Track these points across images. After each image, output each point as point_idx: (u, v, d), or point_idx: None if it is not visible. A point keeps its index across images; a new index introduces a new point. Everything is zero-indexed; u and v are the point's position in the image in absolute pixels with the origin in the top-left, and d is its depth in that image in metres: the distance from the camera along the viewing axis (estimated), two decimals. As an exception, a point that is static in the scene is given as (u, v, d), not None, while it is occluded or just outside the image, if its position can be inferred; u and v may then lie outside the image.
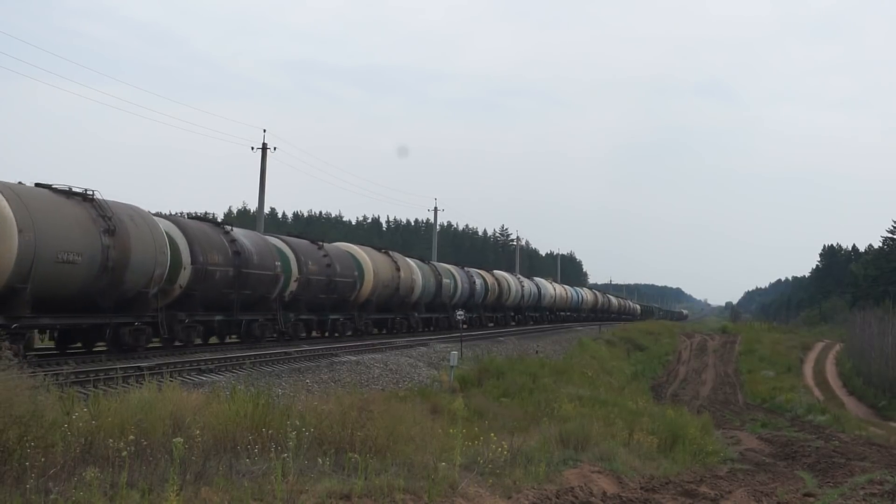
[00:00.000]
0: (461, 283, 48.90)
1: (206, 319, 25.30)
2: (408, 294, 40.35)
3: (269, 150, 44.90)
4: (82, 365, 18.87)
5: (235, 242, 26.22)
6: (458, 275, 49.48)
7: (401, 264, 39.54)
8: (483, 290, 53.60)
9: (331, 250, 33.95)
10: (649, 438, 16.30)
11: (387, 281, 37.68)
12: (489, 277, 56.03)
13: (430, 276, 44.17)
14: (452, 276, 48.33)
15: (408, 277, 40.09)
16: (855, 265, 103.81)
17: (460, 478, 9.07)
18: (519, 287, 62.48)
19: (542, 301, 70.22)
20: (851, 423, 30.83)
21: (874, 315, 50.70)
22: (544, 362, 30.82)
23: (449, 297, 46.98)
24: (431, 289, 43.84)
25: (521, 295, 62.98)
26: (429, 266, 45.03)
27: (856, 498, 12.72)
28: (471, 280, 51.13)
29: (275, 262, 28.22)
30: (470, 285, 50.63)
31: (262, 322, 28.07)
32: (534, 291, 67.50)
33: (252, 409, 10.24)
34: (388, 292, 38.03)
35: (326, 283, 32.30)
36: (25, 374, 9.78)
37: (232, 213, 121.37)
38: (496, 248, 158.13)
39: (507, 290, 59.18)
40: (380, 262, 37.61)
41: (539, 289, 69.62)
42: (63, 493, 6.75)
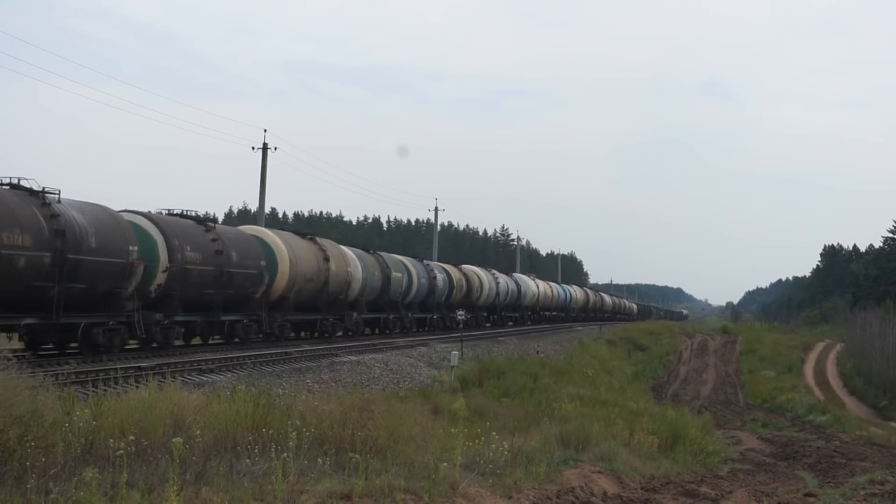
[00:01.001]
0: (417, 279, 42.29)
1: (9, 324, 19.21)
2: (341, 290, 33.61)
3: (269, 149, 44.91)
4: (82, 365, 18.88)
5: (58, 219, 19.42)
6: (415, 268, 42.96)
7: (332, 254, 33.13)
8: (446, 287, 47.34)
9: (225, 233, 27.00)
10: (650, 438, 16.29)
11: (310, 274, 30.97)
12: (455, 273, 49.91)
13: (375, 270, 37.59)
14: (405, 269, 41.58)
15: (340, 270, 33.35)
16: (855, 265, 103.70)
17: (461, 478, 9.06)
18: (493, 284, 55.95)
19: (522, 300, 63.90)
20: (852, 424, 30.81)
21: (875, 315, 50.64)
22: (545, 362, 30.83)
23: (400, 294, 40.57)
24: (376, 284, 37.44)
25: (496, 293, 56.44)
26: (373, 257, 38.73)
27: (856, 498, 12.72)
28: (430, 275, 44.67)
29: (126, 247, 21.52)
30: (429, 281, 44.20)
31: (111, 327, 21.26)
32: (512, 289, 60.94)
33: (252, 409, 10.24)
34: (312, 288, 31.39)
35: (215, 275, 25.23)
36: (25, 374, 9.78)
37: (232, 212, 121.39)
38: (496, 248, 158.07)
39: (479, 287, 53.03)
40: (300, 251, 30.87)
41: (518, 286, 63.08)
42: (63, 493, 6.75)
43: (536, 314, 70.47)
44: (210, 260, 25.03)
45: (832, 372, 52.50)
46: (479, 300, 53.24)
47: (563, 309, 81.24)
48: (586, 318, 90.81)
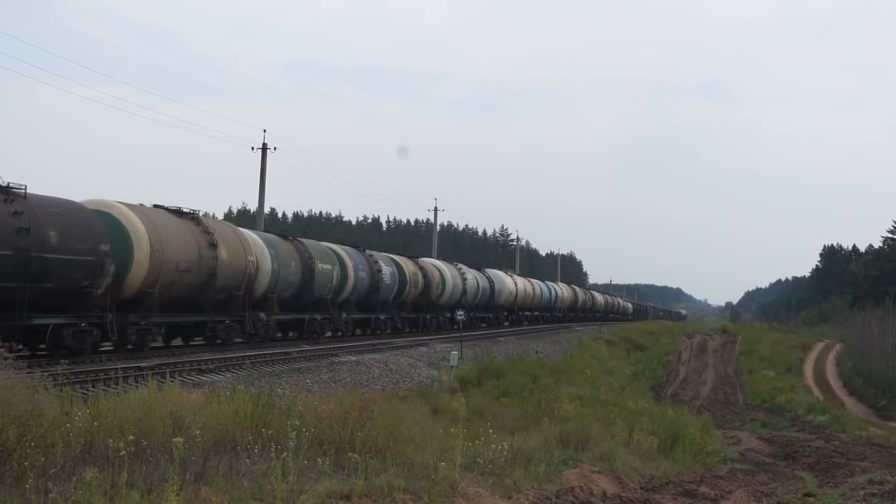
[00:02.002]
0: (354, 272, 35.02)
1: None
2: (238, 285, 25.78)
3: (269, 150, 44.92)
4: (82, 365, 18.87)
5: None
6: (351, 260, 35.34)
7: (223, 237, 25.13)
8: (396, 283, 39.93)
9: (40, 205, 18.89)
10: (649, 438, 16.29)
11: (186, 263, 23.19)
12: (409, 266, 42.50)
13: (292, 260, 30.26)
14: (338, 260, 33.96)
15: (235, 259, 25.44)
16: (855, 265, 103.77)
17: (460, 478, 9.05)
18: (459, 280, 49.13)
19: (495, 298, 57.11)
20: (851, 424, 30.82)
21: (874, 315, 50.66)
22: (544, 362, 30.85)
23: (329, 289, 32.80)
24: (293, 278, 30.09)
25: (463, 290, 49.41)
26: (291, 244, 31.27)
27: (856, 498, 12.71)
28: (372, 268, 37.24)
29: None
30: (371, 275, 36.86)
31: None
32: (483, 286, 54.05)
33: (252, 409, 10.23)
34: (190, 281, 23.55)
35: (17, 261, 17.75)
36: (23, 374, 9.78)
37: (232, 212, 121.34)
38: (496, 248, 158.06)
39: (440, 283, 46.01)
40: (170, 233, 23.07)
41: (491, 283, 56.18)
42: (63, 493, 6.74)
43: (514, 315, 63.74)
44: (7, 241, 17.64)
45: (832, 372, 52.51)
46: (439, 299, 46.18)
47: (548, 308, 74.96)
48: (575, 319, 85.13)
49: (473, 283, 52.15)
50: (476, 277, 53.29)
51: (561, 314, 79.93)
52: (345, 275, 34.25)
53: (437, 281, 45.54)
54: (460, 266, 51.92)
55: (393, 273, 39.76)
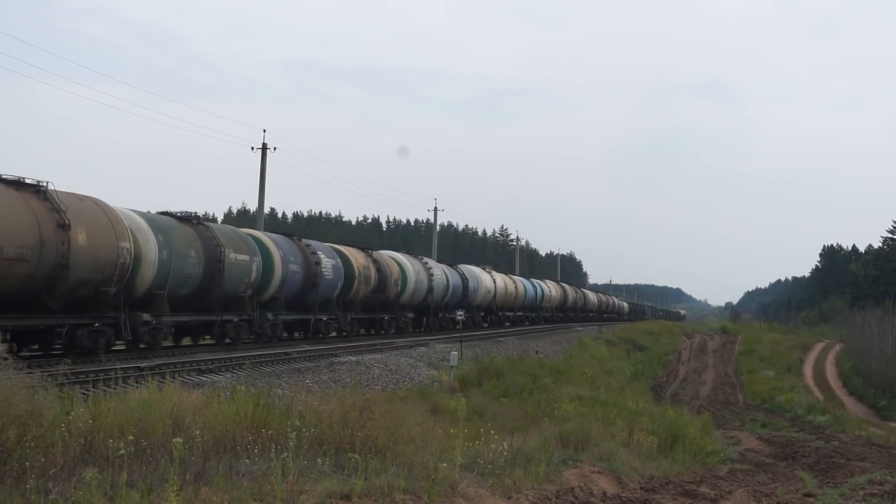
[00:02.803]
0: (282, 264, 29.08)
1: None
2: (102, 279, 20.23)
3: (268, 150, 44.92)
4: (81, 365, 18.87)
5: None
6: (279, 250, 29.26)
7: (80, 216, 19.68)
8: (340, 278, 34.02)
9: None
10: (649, 438, 16.29)
11: (17, 250, 17.81)
12: (359, 259, 36.44)
13: (191, 248, 23.99)
14: (258, 250, 27.55)
15: (101, 245, 20.15)
16: (855, 265, 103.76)
17: (460, 478, 9.06)
18: (424, 277, 43.56)
19: (470, 297, 51.37)
20: (851, 424, 30.83)
21: (874, 315, 50.68)
22: (544, 362, 30.86)
23: (246, 285, 26.72)
24: (192, 271, 23.95)
25: (429, 288, 43.89)
26: (192, 229, 24.87)
27: (856, 498, 12.71)
28: (308, 260, 31.57)
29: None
30: (306, 268, 31.20)
31: None
32: (454, 284, 48.35)
33: (252, 409, 10.24)
34: (27, 273, 18.22)
35: None
36: (24, 374, 9.78)
37: (231, 213, 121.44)
38: (496, 249, 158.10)
39: (399, 280, 40.45)
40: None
41: (465, 280, 50.64)
42: (63, 493, 6.74)
43: (494, 315, 58.12)
44: None
45: (831, 372, 52.53)
46: (399, 297, 40.69)
47: (533, 308, 69.35)
48: (565, 319, 79.41)
49: (442, 280, 46.28)
50: (446, 274, 47.61)
51: (549, 314, 74.67)
52: (269, 267, 28.21)
53: (395, 277, 39.78)
54: (427, 260, 46.34)
55: (336, 266, 33.81)
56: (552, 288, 76.59)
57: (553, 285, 78.61)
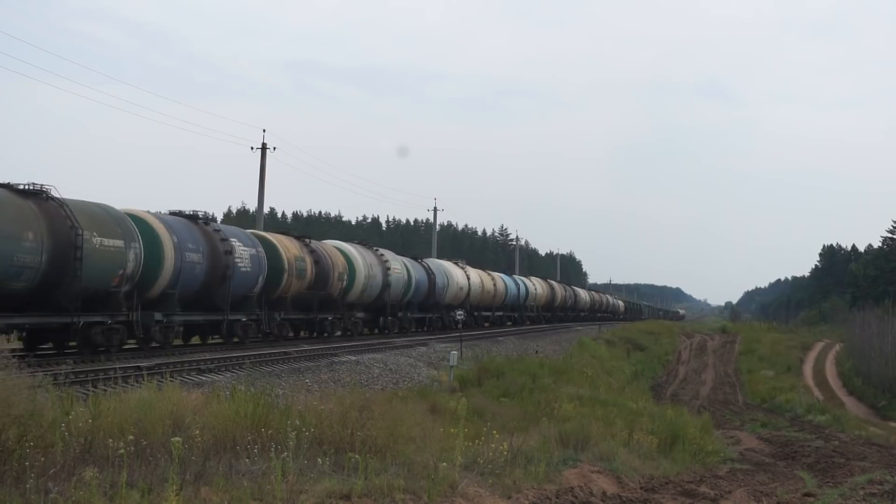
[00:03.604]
0: (176, 254, 23.68)
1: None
2: None
3: (268, 149, 44.92)
4: (81, 365, 18.88)
5: None
6: (172, 235, 23.82)
7: None
8: (261, 272, 28.28)
9: None
10: (649, 438, 16.30)
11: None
12: (291, 249, 30.91)
13: (27, 230, 18.88)
14: (137, 234, 21.97)
15: None
16: (855, 265, 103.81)
17: (460, 478, 9.06)
18: (379, 271, 37.87)
19: (438, 295, 46.03)
20: (851, 423, 30.85)
21: (874, 315, 50.72)
22: (544, 362, 30.83)
23: (120, 278, 21.12)
24: (31, 260, 18.79)
25: (384, 284, 38.00)
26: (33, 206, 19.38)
27: (855, 498, 12.72)
28: (216, 249, 25.79)
29: None
30: (212, 259, 25.46)
31: None
32: (419, 280, 43.00)
33: (252, 408, 10.24)
34: None
35: None
36: (24, 374, 9.78)
37: (231, 213, 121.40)
38: (496, 248, 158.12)
39: (345, 274, 34.77)
40: None
41: (431, 276, 44.94)
42: (63, 493, 6.74)
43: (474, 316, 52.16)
44: None
45: (831, 372, 52.56)
46: (346, 294, 35.21)
47: (516, 308, 63.88)
48: (553, 319, 74.08)
49: (402, 276, 40.42)
50: (407, 268, 41.97)
51: (534, 314, 69.08)
52: (156, 256, 22.77)
53: (339, 270, 34.18)
54: (383, 252, 40.34)
55: (257, 257, 28.09)
56: (538, 285, 71.23)
57: (539, 283, 73.32)
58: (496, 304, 57.80)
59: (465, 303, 50.40)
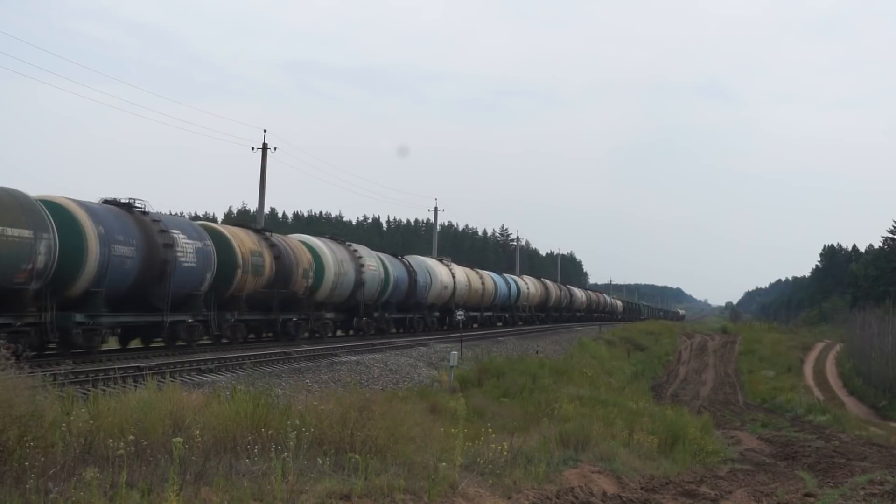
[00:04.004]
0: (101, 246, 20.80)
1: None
2: None
3: (269, 150, 44.90)
4: (81, 365, 18.88)
5: None
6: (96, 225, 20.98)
7: None
8: (210, 267, 25.14)
9: None
10: (649, 438, 16.29)
11: None
12: (246, 242, 27.57)
13: None
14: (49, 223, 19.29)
15: None
16: (855, 265, 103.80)
17: (460, 478, 9.06)
18: (351, 268, 34.52)
19: (420, 295, 42.99)
20: (852, 424, 30.85)
21: (874, 315, 50.70)
22: (544, 362, 30.83)
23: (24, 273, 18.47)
24: None
25: (358, 282, 34.87)
26: None
27: (856, 498, 12.71)
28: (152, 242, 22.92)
29: None
30: (147, 252, 22.56)
31: None
32: (398, 278, 39.72)
33: (252, 409, 10.23)
34: None
35: None
36: (24, 374, 9.78)
37: (232, 212, 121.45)
38: (496, 249, 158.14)
39: (312, 270, 31.48)
40: None
41: (412, 274, 41.81)
42: (63, 493, 6.74)
43: (448, 314, 48.16)
44: None
45: (832, 372, 52.55)
46: (314, 293, 31.91)
47: (506, 308, 60.82)
48: (547, 320, 71.58)
49: (377, 273, 37.30)
50: (385, 265, 38.65)
51: (526, 314, 66.23)
52: (76, 248, 20.18)
53: (304, 267, 30.92)
54: (357, 248, 36.90)
55: (203, 251, 24.95)
56: (530, 284, 68.29)
57: (532, 282, 70.47)
58: (485, 303, 55.21)
59: (451, 302, 47.91)
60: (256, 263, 27.87)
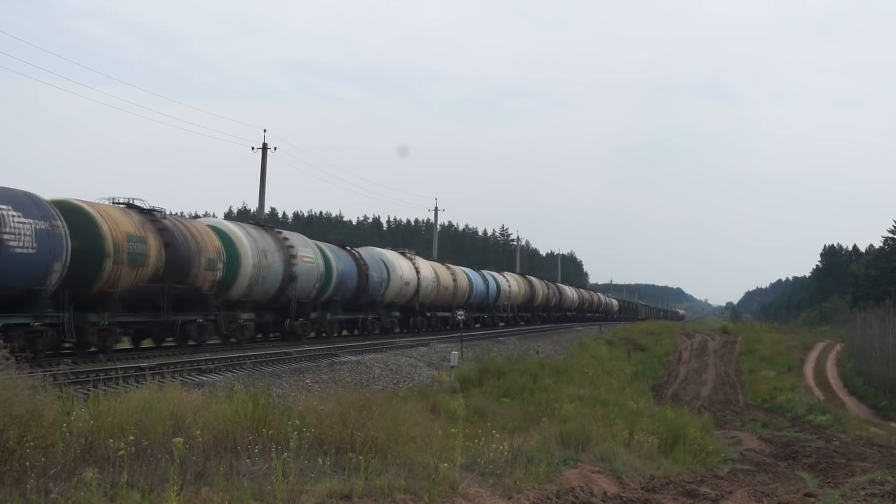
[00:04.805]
0: None
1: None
2: None
3: (269, 150, 44.93)
4: (81, 365, 18.88)
5: None
6: None
7: None
8: (60, 256, 19.39)
9: None
10: (650, 438, 16.29)
11: None
12: (122, 224, 21.95)
13: None
14: None
15: None
16: (855, 265, 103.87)
17: (461, 478, 9.06)
18: (278, 259, 28.99)
19: (374, 292, 37.19)
20: (852, 424, 30.84)
21: (875, 315, 50.71)
22: (544, 362, 30.83)
23: None
24: None
25: (288, 275, 29.34)
26: None
27: (856, 498, 12.71)
28: None
29: None
30: None
31: None
32: (344, 272, 33.92)
33: (252, 409, 10.23)
34: None
35: None
36: (24, 374, 9.79)
37: (232, 213, 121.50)
38: (496, 248, 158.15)
39: (219, 261, 25.87)
40: None
41: (364, 269, 35.93)
42: (63, 493, 6.74)
43: (420, 316, 43.84)
44: None
45: (832, 372, 52.57)
46: (227, 290, 26.47)
47: (484, 307, 55.18)
48: (532, 321, 66.48)
49: (314, 266, 31.27)
50: (326, 256, 32.86)
51: (509, 314, 61.11)
52: None
53: (209, 257, 25.29)
54: (288, 236, 31.21)
55: (48, 234, 19.17)
56: (513, 282, 62.54)
57: (515, 279, 64.33)
58: (458, 302, 49.00)
59: (414, 301, 42.80)
60: (136, 251, 22.13)
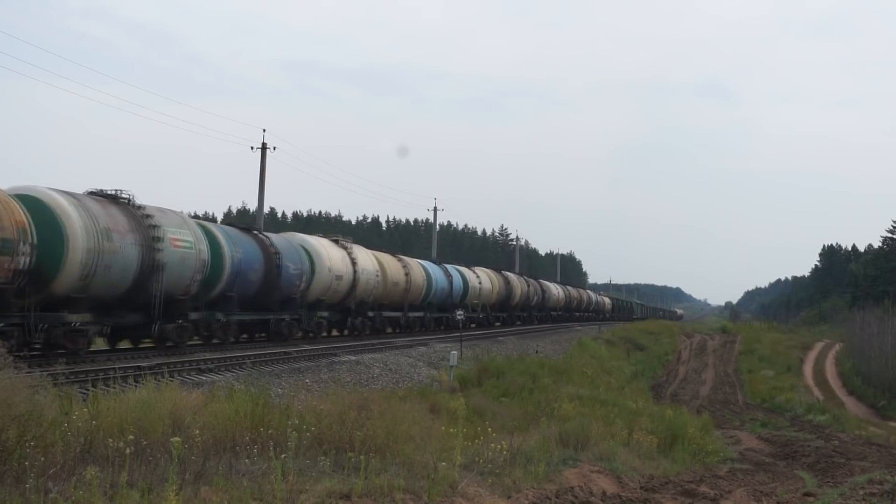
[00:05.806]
0: None
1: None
2: None
3: (268, 149, 44.90)
4: (81, 364, 18.88)
5: None
6: None
7: None
8: None
9: None
10: (649, 438, 16.29)
11: None
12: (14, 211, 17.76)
13: None
14: None
15: None
16: (855, 265, 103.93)
17: (460, 477, 9.05)
18: (132, 242, 21.68)
19: (289, 288, 30.05)
20: (851, 423, 30.86)
21: (874, 315, 50.77)
22: (544, 362, 30.83)
23: None
24: None
25: (152, 264, 22.22)
26: None
27: (855, 498, 12.71)
28: None
29: None
30: None
31: None
32: (245, 262, 27.37)
33: (251, 408, 10.23)
34: None
35: None
36: (23, 374, 9.78)
37: (232, 212, 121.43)
38: (496, 248, 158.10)
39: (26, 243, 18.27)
40: None
41: (273, 258, 29.03)
42: (63, 493, 6.74)
43: (362, 317, 36.60)
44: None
45: (831, 372, 52.60)
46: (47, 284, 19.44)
47: (445, 308, 46.87)
48: (508, 322, 59.54)
49: (192, 252, 24.24)
50: (215, 240, 26.17)
51: (479, 315, 53.04)
52: None
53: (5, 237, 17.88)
54: (152, 213, 23.16)
55: None
56: (484, 278, 54.63)
57: (487, 274, 56.54)
58: (411, 301, 42.12)
59: (349, 299, 35.03)
60: None
